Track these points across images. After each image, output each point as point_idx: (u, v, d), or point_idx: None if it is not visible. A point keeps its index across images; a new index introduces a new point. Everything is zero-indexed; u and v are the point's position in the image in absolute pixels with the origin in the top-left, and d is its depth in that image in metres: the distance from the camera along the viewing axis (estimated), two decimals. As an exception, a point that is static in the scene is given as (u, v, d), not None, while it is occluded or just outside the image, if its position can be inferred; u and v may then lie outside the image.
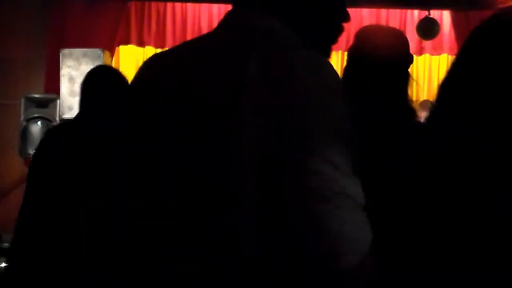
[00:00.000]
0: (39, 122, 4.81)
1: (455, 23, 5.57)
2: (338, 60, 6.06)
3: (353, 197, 0.83)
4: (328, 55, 1.02)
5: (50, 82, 5.17)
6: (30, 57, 5.27)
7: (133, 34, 5.68)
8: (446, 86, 0.98)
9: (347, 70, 1.56)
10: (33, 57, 5.27)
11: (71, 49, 4.93)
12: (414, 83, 1.59)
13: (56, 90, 4.96)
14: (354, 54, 1.56)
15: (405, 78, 1.54)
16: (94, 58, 4.87)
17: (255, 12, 0.96)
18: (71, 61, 4.89)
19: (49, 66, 5.19)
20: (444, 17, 5.77)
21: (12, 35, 5.25)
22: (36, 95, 5.01)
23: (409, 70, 1.56)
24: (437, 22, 5.39)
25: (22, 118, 4.83)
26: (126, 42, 5.65)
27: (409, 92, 1.54)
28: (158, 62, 1.02)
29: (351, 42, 6.42)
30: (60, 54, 4.89)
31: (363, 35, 1.57)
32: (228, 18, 0.99)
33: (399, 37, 1.58)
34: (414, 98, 1.61)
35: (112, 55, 5.34)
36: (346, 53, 6.23)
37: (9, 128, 4.81)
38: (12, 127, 4.81)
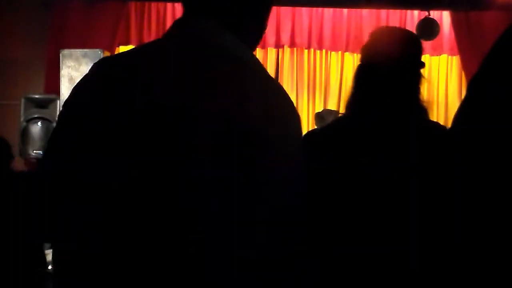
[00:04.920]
0: (39, 123, 4.81)
1: (455, 23, 5.56)
2: (338, 60, 6.06)
3: None
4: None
5: (50, 83, 5.17)
6: (30, 57, 5.27)
7: (133, 35, 5.68)
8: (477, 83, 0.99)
9: (360, 71, 1.58)
10: (33, 57, 5.27)
11: (71, 50, 4.92)
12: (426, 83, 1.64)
13: (56, 91, 4.96)
14: (366, 55, 1.58)
15: (417, 78, 1.57)
16: (94, 59, 4.85)
17: (208, 24, 1.00)
18: (71, 61, 4.89)
19: (49, 66, 5.19)
20: (444, 18, 5.77)
21: (12, 35, 5.25)
22: (36, 96, 5.00)
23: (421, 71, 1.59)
24: (437, 22, 5.39)
25: (22, 118, 4.83)
26: (126, 42, 5.65)
27: (422, 91, 1.58)
28: (113, 66, 1.04)
29: (350, 43, 6.43)
30: (60, 55, 4.89)
31: (376, 36, 1.59)
32: (183, 28, 1.02)
33: (411, 39, 1.61)
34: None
35: (112, 56, 5.34)
36: (346, 53, 6.18)
37: (9, 129, 4.80)
38: (12, 127, 4.81)
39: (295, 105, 1.06)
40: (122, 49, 5.69)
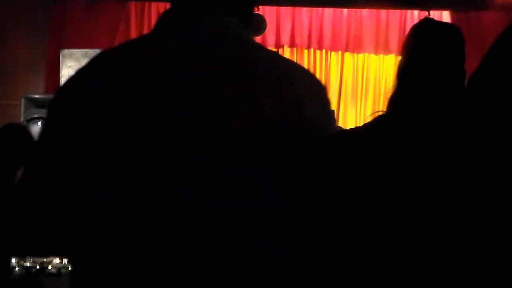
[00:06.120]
0: (39, 123, 4.81)
1: (455, 23, 5.56)
2: (338, 60, 6.06)
3: None
4: None
5: (50, 83, 5.17)
6: (30, 57, 5.27)
7: (133, 34, 5.68)
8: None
9: (404, 68, 1.52)
10: (33, 57, 5.27)
11: (71, 50, 4.93)
12: None
13: (56, 91, 4.96)
14: (410, 51, 1.52)
15: (462, 74, 1.52)
16: (94, 59, 4.86)
17: (209, 11, 0.96)
18: (71, 61, 4.89)
19: (49, 66, 5.20)
20: (444, 17, 5.77)
21: (12, 35, 5.25)
22: (36, 95, 5.00)
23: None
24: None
25: (22, 118, 4.83)
26: (126, 42, 5.65)
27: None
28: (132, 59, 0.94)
29: (350, 43, 6.43)
30: (60, 55, 4.90)
31: (419, 32, 1.53)
32: (199, 21, 0.96)
33: (455, 33, 1.55)
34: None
35: (112, 56, 5.34)
36: (346, 53, 6.16)
37: (9, 128, 4.82)
38: (12, 127, 4.81)
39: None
40: (122, 49, 5.69)
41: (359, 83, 6.11)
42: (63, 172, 0.91)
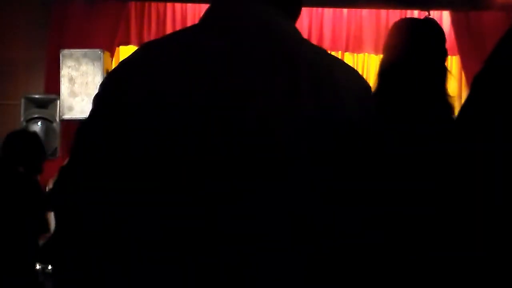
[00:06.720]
0: (39, 123, 4.82)
1: (455, 23, 5.56)
2: (338, 60, 6.07)
3: None
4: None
5: (50, 83, 5.17)
6: (30, 57, 5.27)
7: (133, 35, 5.68)
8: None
9: (380, 67, 1.52)
10: (33, 57, 5.27)
11: (71, 50, 4.93)
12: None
13: (56, 91, 4.96)
14: (385, 51, 1.51)
15: (439, 72, 1.50)
16: (94, 59, 4.87)
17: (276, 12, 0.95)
18: (71, 61, 4.89)
19: (49, 66, 5.19)
20: (444, 18, 5.77)
21: (12, 35, 5.25)
22: (36, 95, 5.00)
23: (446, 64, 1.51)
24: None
25: (22, 118, 4.83)
26: (126, 42, 5.65)
27: (446, 86, 1.50)
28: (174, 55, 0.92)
29: (350, 43, 6.43)
30: (60, 55, 4.90)
31: (392, 31, 1.52)
32: (248, 16, 0.94)
33: (429, 28, 1.54)
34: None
35: (112, 56, 5.34)
36: (346, 53, 6.17)
37: (9, 129, 4.81)
38: (12, 127, 4.81)
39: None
40: (122, 49, 5.69)
41: (359, 83, 6.10)
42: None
